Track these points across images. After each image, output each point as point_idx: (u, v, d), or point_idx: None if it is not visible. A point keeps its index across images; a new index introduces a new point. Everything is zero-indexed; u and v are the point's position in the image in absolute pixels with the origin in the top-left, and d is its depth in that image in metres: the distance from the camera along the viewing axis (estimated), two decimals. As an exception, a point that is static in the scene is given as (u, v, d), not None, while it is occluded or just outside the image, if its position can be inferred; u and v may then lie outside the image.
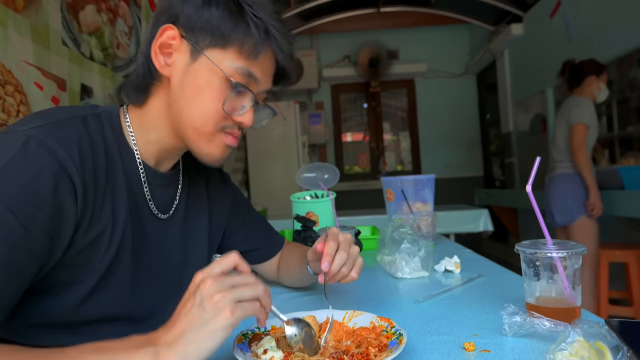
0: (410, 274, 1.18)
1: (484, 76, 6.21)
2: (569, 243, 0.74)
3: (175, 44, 0.72)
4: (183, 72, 0.72)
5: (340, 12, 5.61)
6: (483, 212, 3.52)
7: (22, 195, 0.56)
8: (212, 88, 0.72)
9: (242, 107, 0.75)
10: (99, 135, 0.70)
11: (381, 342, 0.65)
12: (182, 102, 0.73)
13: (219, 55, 0.72)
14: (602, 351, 0.55)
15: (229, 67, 0.72)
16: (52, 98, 1.82)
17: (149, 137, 0.77)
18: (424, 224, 1.42)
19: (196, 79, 0.72)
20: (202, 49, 0.71)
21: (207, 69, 0.72)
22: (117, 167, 0.72)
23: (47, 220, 0.58)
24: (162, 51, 0.73)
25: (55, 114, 0.67)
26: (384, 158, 6.58)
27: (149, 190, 0.78)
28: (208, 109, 0.72)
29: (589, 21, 3.65)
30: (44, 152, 0.59)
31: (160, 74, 0.75)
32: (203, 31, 0.71)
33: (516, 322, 0.68)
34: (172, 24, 0.72)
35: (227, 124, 0.75)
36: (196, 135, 0.74)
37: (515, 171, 5.23)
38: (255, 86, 0.75)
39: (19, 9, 1.64)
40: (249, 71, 0.73)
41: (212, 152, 0.76)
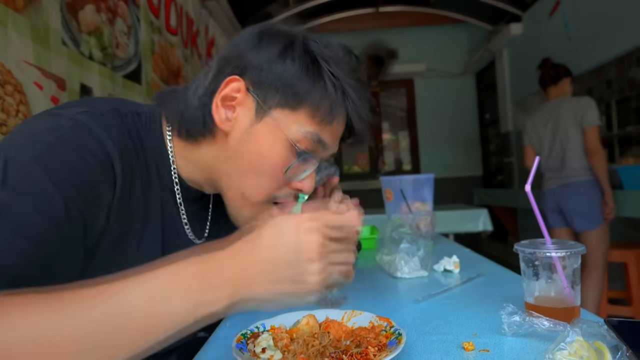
0: (409, 274, 1.18)
1: (483, 76, 6.21)
2: (568, 243, 0.74)
3: (239, 97, 0.65)
4: (244, 131, 0.65)
5: (339, 12, 5.61)
6: (482, 211, 3.52)
7: (68, 175, 0.55)
8: (276, 154, 0.65)
9: (304, 172, 0.68)
10: (136, 138, 0.67)
11: (380, 342, 0.65)
12: (238, 164, 0.67)
13: (288, 118, 0.64)
14: (601, 351, 0.55)
15: (298, 133, 0.65)
16: (51, 98, 1.82)
17: (188, 167, 0.72)
18: (423, 224, 1.42)
19: (259, 142, 0.65)
20: (270, 108, 0.64)
21: (272, 132, 0.64)
22: (153, 179, 0.69)
23: (85, 204, 0.56)
24: (223, 104, 0.66)
25: (98, 104, 0.64)
26: (383, 158, 6.59)
27: (185, 212, 0.74)
28: (266, 178, 0.66)
29: (588, 21, 3.65)
30: (91, 138, 0.58)
31: (217, 127, 0.67)
32: (273, 87, 0.64)
33: (515, 322, 0.69)
34: (239, 75, 0.65)
35: (281, 193, 0.69)
36: (243, 202, 0.68)
37: (515, 171, 5.24)
38: (322, 152, 0.69)
39: (19, 9, 1.64)
40: (320, 137, 0.66)
41: (249, 218, 0.70)
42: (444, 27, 6.13)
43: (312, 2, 5.11)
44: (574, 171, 2.82)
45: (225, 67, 0.67)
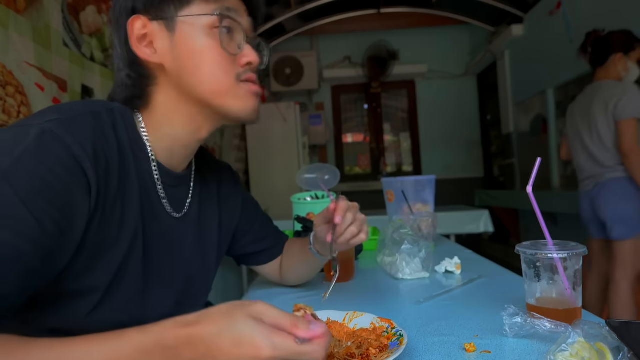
0: (410, 275, 1.18)
1: (484, 77, 6.21)
2: (570, 244, 0.74)
3: (148, 31, 0.71)
4: (171, 49, 0.71)
5: (340, 13, 5.61)
6: (483, 213, 3.51)
7: (36, 188, 0.54)
8: (204, 43, 0.70)
9: (240, 44, 0.74)
10: (112, 133, 0.68)
11: (382, 343, 0.65)
12: (187, 75, 0.71)
13: (191, 13, 0.70)
14: (603, 352, 0.55)
15: (206, 18, 0.70)
16: (53, 99, 1.82)
17: (161, 132, 0.75)
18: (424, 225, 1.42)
19: (186, 46, 0.70)
20: (173, 17, 0.70)
21: (189, 32, 0.70)
22: (130, 166, 0.70)
23: (59, 214, 0.56)
24: (142, 44, 0.71)
25: (69, 109, 0.65)
26: (385, 159, 6.58)
27: (163, 190, 0.76)
28: (213, 65, 0.71)
29: (590, 22, 3.65)
30: (59, 146, 0.57)
31: (152, 70, 0.73)
32: (162, 1, 0.70)
33: (517, 323, 0.69)
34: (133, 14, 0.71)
35: (239, 71, 0.74)
36: (219, 97, 0.72)
37: (516, 172, 5.23)
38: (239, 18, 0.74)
39: (21, 10, 1.65)
40: (224, 6, 0.71)
41: (245, 106, 0.75)
42: (446, 28, 6.13)
43: (313, 3, 5.12)
44: (609, 168, 2.39)
45: (119, 20, 0.73)
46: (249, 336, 0.48)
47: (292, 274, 1.10)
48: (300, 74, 5.75)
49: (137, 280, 0.70)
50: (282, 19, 5.19)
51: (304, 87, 5.83)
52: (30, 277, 0.54)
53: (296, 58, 5.74)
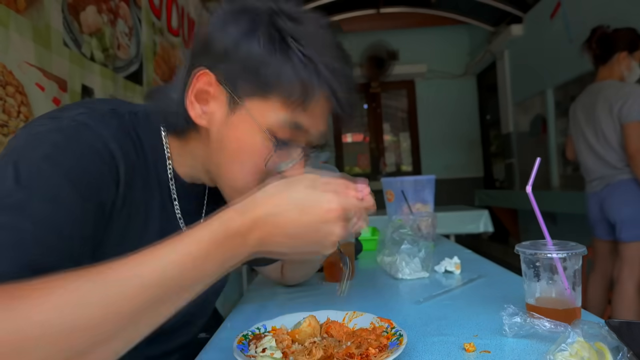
0: (410, 275, 1.18)
1: (484, 77, 6.21)
2: (569, 244, 0.74)
3: (212, 90, 0.65)
4: (222, 125, 0.65)
5: (340, 13, 5.61)
6: (483, 213, 3.52)
7: (76, 169, 0.56)
8: (254, 145, 0.64)
9: (290, 160, 0.67)
10: (135, 137, 0.68)
11: (381, 343, 0.65)
12: (221, 158, 0.67)
13: (260, 107, 0.63)
14: (602, 352, 0.55)
15: (272, 120, 0.63)
16: (53, 99, 1.82)
17: (183, 161, 0.74)
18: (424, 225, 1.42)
19: (236, 134, 0.64)
20: (242, 97, 0.63)
21: (247, 123, 0.63)
22: (152, 174, 0.70)
23: (93, 196, 0.58)
24: (198, 99, 0.66)
25: (97, 106, 0.65)
26: (384, 159, 6.58)
27: (179, 203, 0.75)
28: (249, 169, 0.66)
29: (590, 22, 3.64)
30: (94, 138, 0.59)
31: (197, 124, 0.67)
32: (241, 75, 0.62)
33: (516, 323, 0.69)
34: (210, 66, 0.64)
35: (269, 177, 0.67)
36: (234, 192, 0.68)
37: (515, 172, 5.23)
38: (304, 136, 0.67)
39: (21, 10, 1.65)
40: (296, 123, 0.64)
41: None
42: (445, 28, 6.13)
43: (313, 3, 5.12)
44: (619, 169, 2.35)
45: (195, 59, 0.66)
46: (315, 202, 0.53)
47: (294, 271, 1.09)
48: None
49: None
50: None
51: (303, 87, 5.83)
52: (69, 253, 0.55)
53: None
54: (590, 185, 2.54)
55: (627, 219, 2.32)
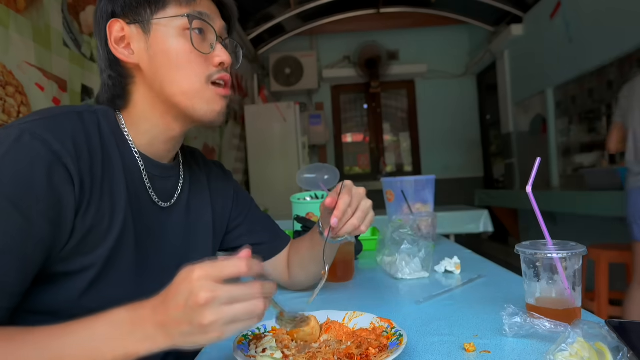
0: (410, 275, 1.18)
1: (484, 77, 6.21)
2: (569, 244, 0.74)
3: (126, 33, 0.75)
4: (147, 50, 0.75)
5: (340, 13, 5.61)
6: (483, 212, 3.51)
7: (20, 186, 0.58)
8: (177, 44, 0.74)
9: (212, 44, 0.77)
10: (95, 129, 0.71)
11: (381, 343, 0.65)
12: (160, 75, 0.74)
13: (165, 15, 0.74)
14: (603, 352, 0.55)
15: (178, 20, 0.74)
16: (53, 99, 1.82)
17: (140, 128, 0.78)
18: (424, 225, 1.42)
19: (160, 47, 0.74)
20: (149, 20, 0.74)
21: (163, 33, 0.74)
22: (115, 159, 0.73)
23: (47, 208, 0.60)
24: (119, 46, 0.75)
25: (51, 110, 0.69)
26: (384, 159, 6.59)
27: (149, 181, 0.79)
28: (185, 67, 0.74)
29: (589, 22, 3.65)
30: (37, 144, 0.61)
31: (130, 70, 0.77)
32: (138, 5, 0.74)
33: (516, 323, 0.69)
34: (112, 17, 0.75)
35: (211, 72, 0.76)
36: (189, 99, 0.75)
37: (516, 172, 5.23)
38: (211, 22, 0.77)
39: (21, 10, 1.65)
40: (197, 11, 0.75)
41: (211, 109, 0.77)
42: (445, 28, 6.13)
43: (313, 3, 5.12)
44: None
45: (100, 23, 0.76)
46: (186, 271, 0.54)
47: (303, 272, 1.05)
48: (300, 74, 5.75)
49: (129, 268, 0.73)
50: (281, 19, 5.19)
51: (303, 87, 5.84)
52: (29, 268, 0.60)
53: (296, 58, 5.74)
54: (636, 179, 2.28)
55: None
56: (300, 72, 5.75)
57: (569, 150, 4.30)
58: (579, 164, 4.12)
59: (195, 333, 0.52)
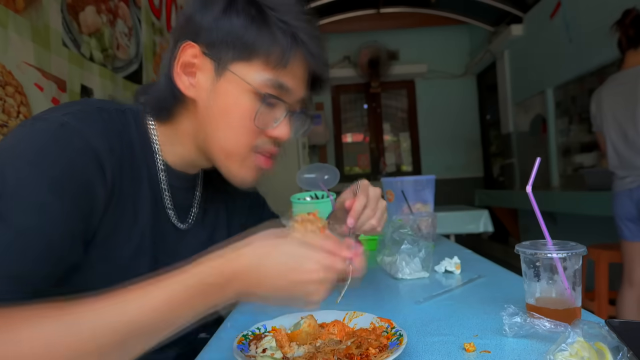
0: (410, 275, 1.18)
1: (484, 77, 6.22)
2: (569, 244, 0.74)
3: (197, 62, 0.69)
4: (209, 92, 0.69)
5: (340, 13, 5.61)
6: (483, 212, 3.52)
7: (61, 175, 0.57)
8: (241, 105, 0.68)
9: (276, 120, 0.71)
10: (123, 132, 0.69)
11: (381, 343, 0.65)
12: (211, 124, 0.70)
13: (245, 69, 0.68)
14: (602, 352, 0.55)
15: (257, 80, 0.68)
16: (52, 99, 1.82)
17: (174, 148, 0.76)
18: (424, 225, 1.42)
19: (224, 98, 0.69)
20: (226, 64, 0.68)
21: (233, 86, 0.68)
22: (142, 166, 0.72)
23: (81, 200, 0.59)
24: (185, 71, 0.70)
25: (83, 105, 0.67)
26: (384, 159, 6.58)
27: (170, 198, 0.77)
28: (238, 129, 0.69)
29: (589, 22, 3.65)
30: (78, 137, 0.60)
31: (185, 96, 0.71)
32: (225, 44, 0.67)
33: (516, 323, 0.68)
34: (193, 41, 0.68)
35: (261, 142, 0.72)
36: (227, 158, 0.72)
37: (516, 172, 5.23)
38: (287, 96, 0.71)
39: (20, 10, 1.65)
40: (279, 82, 0.69)
41: (244, 176, 0.74)
42: (445, 28, 6.13)
43: (313, 3, 5.12)
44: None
45: (179, 37, 0.70)
46: (300, 262, 0.53)
47: None
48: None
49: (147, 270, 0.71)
50: (281, 19, 5.19)
51: (303, 87, 5.83)
52: (59, 259, 0.58)
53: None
54: (622, 182, 2.33)
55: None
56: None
57: (569, 150, 4.30)
58: (579, 164, 4.12)
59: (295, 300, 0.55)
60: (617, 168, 2.36)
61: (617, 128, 2.32)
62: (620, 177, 2.34)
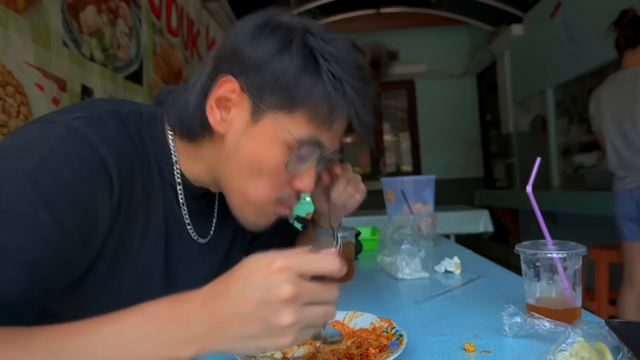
0: (410, 275, 1.18)
1: (484, 77, 6.21)
2: (569, 244, 0.74)
3: (235, 98, 0.63)
4: (241, 133, 0.63)
5: (340, 13, 5.61)
6: (483, 212, 3.52)
7: (62, 191, 0.52)
8: (273, 157, 0.63)
9: (304, 167, 0.67)
10: (137, 138, 0.65)
11: (381, 343, 0.65)
12: (235, 166, 0.65)
13: (285, 120, 0.62)
14: (603, 352, 0.55)
15: (295, 136, 0.62)
16: (52, 99, 1.82)
17: (192, 166, 0.71)
18: (424, 225, 1.42)
19: (255, 144, 0.63)
20: (266, 109, 0.62)
21: (269, 134, 0.62)
22: (154, 176, 0.67)
23: (83, 219, 0.54)
24: (218, 105, 0.64)
25: (96, 107, 0.62)
26: (384, 159, 6.58)
27: (187, 213, 0.72)
28: (265, 181, 0.65)
29: (589, 21, 3.65)
30: (85, 146, 0.55)
31: (213, 129, 0.65)
32: (269, 88, 0.61)
33: (516, 323, 0.68)
34: (234, 73, 0.62)
35: (284, 194, 0.68)
36: (244, 204, 0.67)
37: (516, 172, 5.23)
38: (321, 153, 0.67)
39: (20, 10, 1.65)
40: (318, 141, 0.64)
41: (257, 222, 0.70)
42: (445, 28, 6.13)
43: (313, 3, 5.12)
44: None
45: (220, 65, 0.64)
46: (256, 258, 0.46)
47: None
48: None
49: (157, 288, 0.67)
50: (281, 18, 5.18)
51: (303, 87, 5.83)
52: (47, 283, 0.53)
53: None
54: (622, 182, 2.33)
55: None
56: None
57: (569, 150, 4.30)
58: (579, 164, 4.12)
59: (265, 335, 0.44)
60: (617, 168, 2.36)
61: (617, 128, 2.33)
62: (620, 177, 2.35)
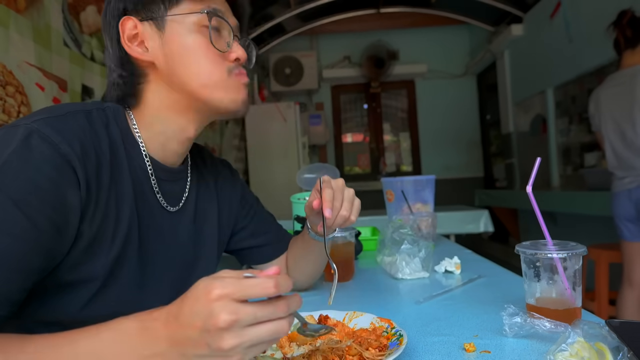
0: (410, 275, 1.18)
1: (484, 77, 6.21)
2: (569, 244, 0.74)
3: (139, 31, 0.73)
4: (162, 47, 0.73)
5: (340, 13, 5.61)
6: (483, 212, 3.51)
7: (26, 189, 0.56)
8: (194, 40, 0.73)
9: (228, 42, 0.77)
10: (103, 130, 0.69)
11: (381, 343, 0.65)
12: (179, 71, 0.73)
13: (179, 11, 0.73)
14: (603, 352, 0.55)
15: (193, 16, 0.73)
16: (53, 99, 1.82)
17: (153, 129, 0.76)
18: (424, 225, 1.42)
19: (176, 44, 0.73)
20: (162, 17, 0.73)
21: (178, 30, 0.73)
22: (122, 162, 0.71)
23: (53, 212, 0.58)
24: (133, 44, 0.74)
25: (59, 108, 0.67)
26: (384, 159, 6.58)
27: (157, 184, 0.77)
28: (204, 60, 0.74)
29: (590, 21, 3.65)
30: (45, 145, 0.59)
31: (143, 68, 0.75)
32: (151, 2, 0.73)
33: (516, 323, 0.69)
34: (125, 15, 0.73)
35: (230, 66, 0.76)
36: (211, 91, 0.75)
37: (516, 172, 5.23)
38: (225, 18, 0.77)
39: (21, 10, 1.65)
40: (210, 6, 0.74)
41: (235, 97, 0.77)
42: (445, 28, 6.13)
43: (313, 3, 5.12)
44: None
45: (110, 22, 0.75)
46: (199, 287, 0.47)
47: (299, 273, 1.05)
48: (300, 73, 5.74)
49: (134, 272, 0.71)
50: (281, 18, 5.18)
51: (303, 87, 5.83)
52: (30, 274, 0.58)
53: (296, 58, 5.74)
54: (621, 182, 2.32)
55: None
56: (300, 72, 5.74)
57: (569, 150, 4.30)
58: (579, 164, 4.12)
59: (214, 356, 0.46)
60: (616, 168, 2.37)
61: (616, 128, 2.34)
62: (619, 177, 2.35)
